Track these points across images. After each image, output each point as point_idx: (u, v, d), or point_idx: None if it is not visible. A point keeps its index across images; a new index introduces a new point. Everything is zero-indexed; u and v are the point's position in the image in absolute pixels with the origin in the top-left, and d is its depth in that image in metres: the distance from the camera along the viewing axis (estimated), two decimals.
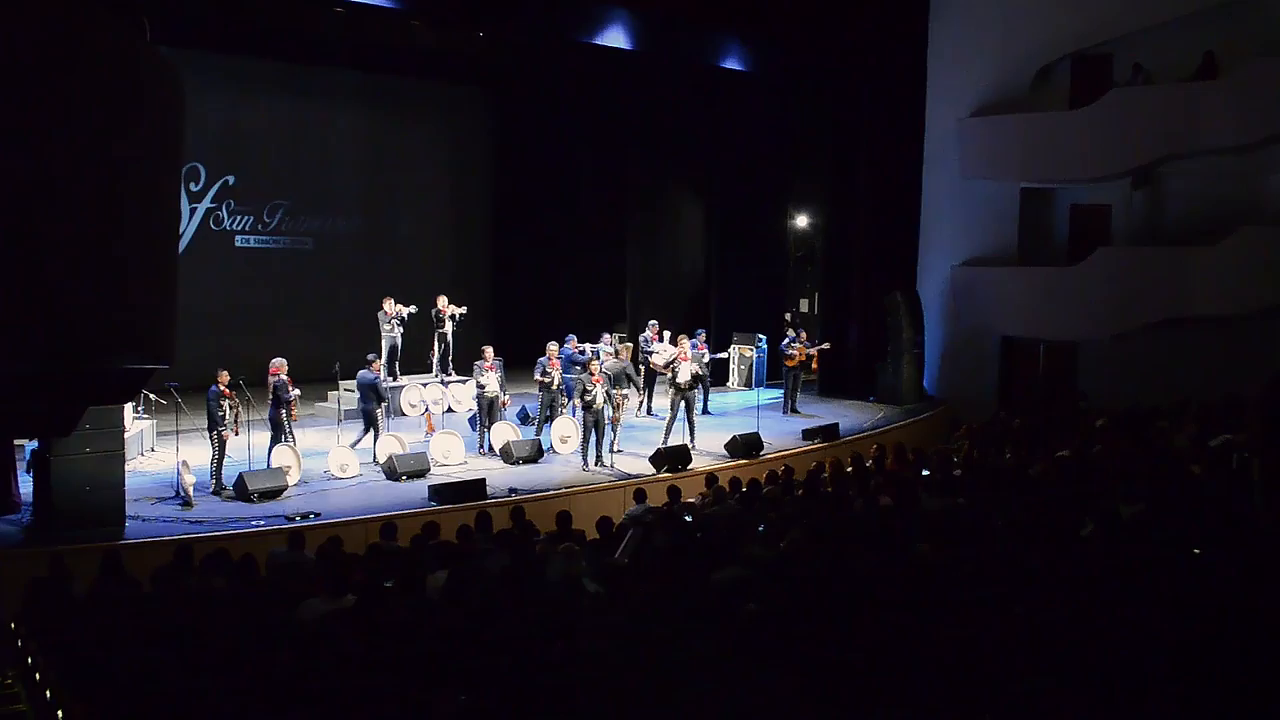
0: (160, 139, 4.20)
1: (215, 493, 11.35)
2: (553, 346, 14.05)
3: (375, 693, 4.84)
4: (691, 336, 16.21)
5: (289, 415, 12.04)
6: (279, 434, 12.06)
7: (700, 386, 15.34)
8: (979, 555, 6.65)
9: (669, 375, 14.31)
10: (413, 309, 15.42)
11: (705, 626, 5.27)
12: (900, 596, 5.85)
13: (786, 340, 17.02)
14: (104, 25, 3.55)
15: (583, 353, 14.73)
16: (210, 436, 11.44)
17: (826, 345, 17.64)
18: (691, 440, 13.79)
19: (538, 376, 13.83)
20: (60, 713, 5.25)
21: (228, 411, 11.43)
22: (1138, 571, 5.74)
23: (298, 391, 12.24)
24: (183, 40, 15.78)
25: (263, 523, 10.25)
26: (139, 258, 4.26)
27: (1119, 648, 4.81)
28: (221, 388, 11.43)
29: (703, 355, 15.59)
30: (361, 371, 12.89)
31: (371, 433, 12.85)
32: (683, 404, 14.04)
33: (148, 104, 3.97)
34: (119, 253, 4.08)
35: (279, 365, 12.10)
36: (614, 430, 13.40)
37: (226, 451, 11.54)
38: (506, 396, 13.98)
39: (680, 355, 14.27)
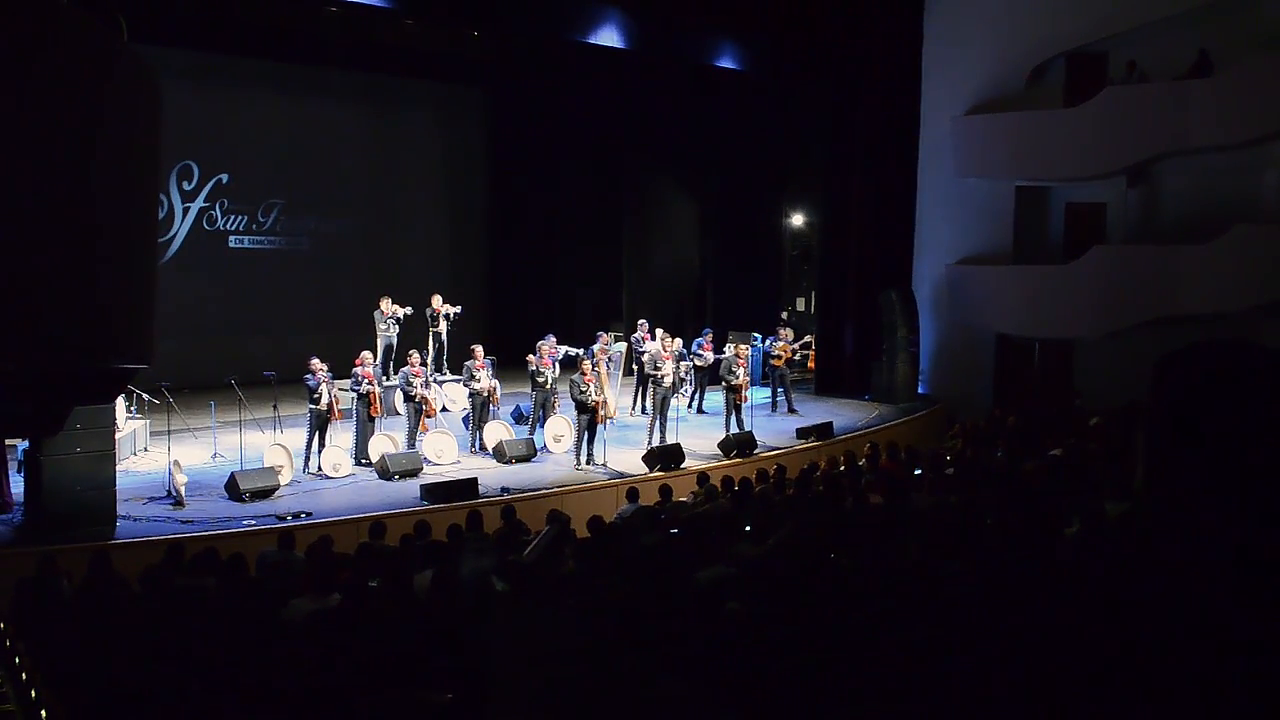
0: (137, 139, 4.20)
1: (306, 469, 12.27)
2: (544, 345, 14.07)
3: (356, 690, 4.84)
4: (698, 335, 16.38)
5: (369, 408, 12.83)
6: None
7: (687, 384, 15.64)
8: (965, 553, 6.65)
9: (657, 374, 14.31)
10: (408, 310, 15.48)
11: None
12: (885, 594, 5.85)
13: (770, 340, 17.08)
14: (76, 25, 3.55)
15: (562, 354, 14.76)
16: (313, 420, 12.32)
17: (809, 338, 17.71)
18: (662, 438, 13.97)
19: (544, 373, 13.93)
20: (44, 713, 5.24)
21: (324, 395, 12.22)
22: (1121, 570, 5.74)
23: (371, 386, 12.83)
24: (176, 39, 15.83)
25: (254, 522, 10.25)
26: (117, 258, 4.26)
27: (1100, 646, 4.81)
28: (316, 374, 12.20)
29: (688, 354, 15.82)
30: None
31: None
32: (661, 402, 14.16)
33: (123, 104, 3.97)
34: (97, 253, 4.08)
35: (358, 359, 12.90)
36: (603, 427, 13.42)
37: (329, 434, 12.44)
38: (497, 388, 13.91)
39: (664, 355, 14.29)
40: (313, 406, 12.35)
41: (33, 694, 5.45)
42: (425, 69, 19.59)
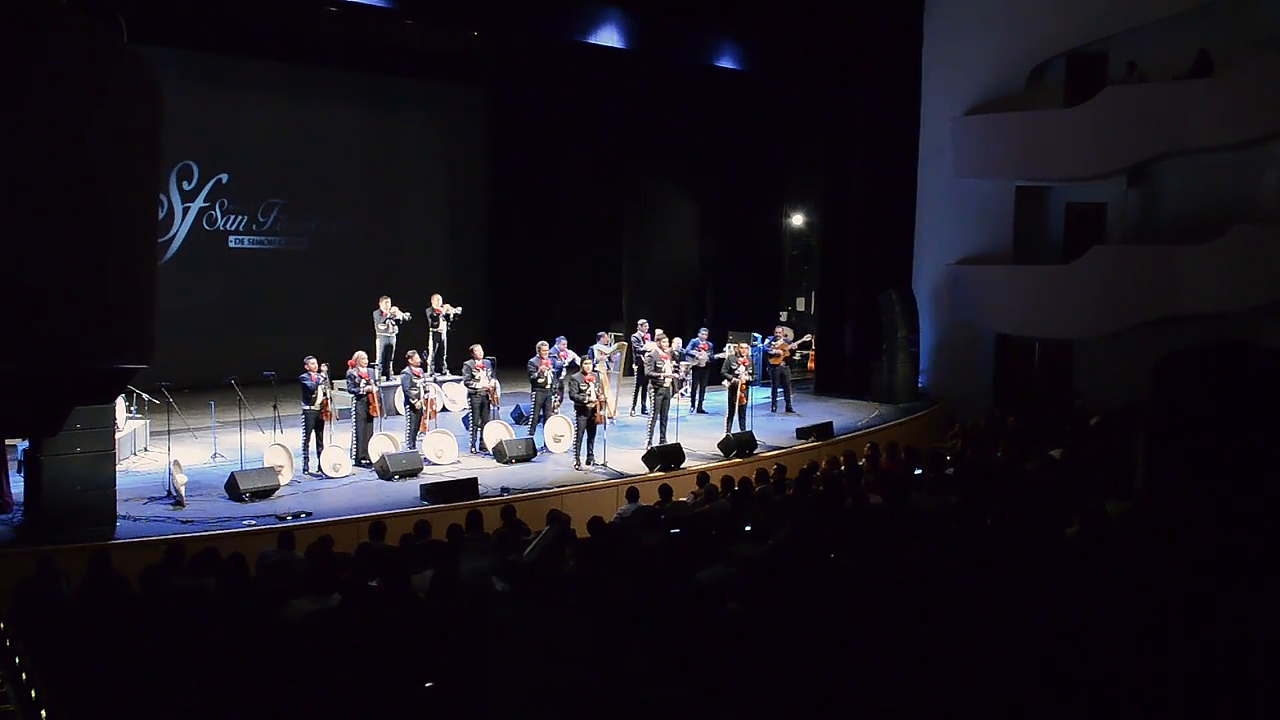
0: (137, 139, 4.19)
1: (305, 470, 12.27)
2: (544, 346, 14.08)
3: (354, 690, 4.84)
4: (695, 335, 16.39)
5: (368, 408, 12.83)
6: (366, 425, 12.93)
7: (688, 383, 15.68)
8: (965, 553, 6.65)
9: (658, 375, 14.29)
10: (407, 316, 15.48)
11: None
12: (885, 594, 5.85)
13: (769, 339, 17.11)
14: (76, 25, 3.55)
15: (565, 358, 14.76)
16: (309, 420, 12.33)
17: (808, 337, 17.75)
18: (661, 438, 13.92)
19: (533, 375, 13.90)
20: (44, 713, 5.24)
21: (319, 395, 12.17)
22: (1121, 570, 5.74)
23: (370, 386, 12.84)
24: (176, 39, 15.85)
25: (254, 522, 10.25)
26: (117, 257, 4.26)
27: (1099, 647, 4.81)
28: (313, 374, 12.14)
29: (692, 354, 15.84)
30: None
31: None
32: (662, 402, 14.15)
33: (123, 104, 3.97)
34: (97, 253, 4.08)
35: (352, 359, 12.90)
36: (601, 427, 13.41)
37: (325, 434, 12.37)
38: (497, 388, 13.88)
39: (663, 355, 14.29)
40: (308, 408, 12.34)
41: (33, 694, 5.45)
42: (425, 69, 19.58)
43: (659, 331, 15.75)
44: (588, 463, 12.92)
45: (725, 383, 14.78)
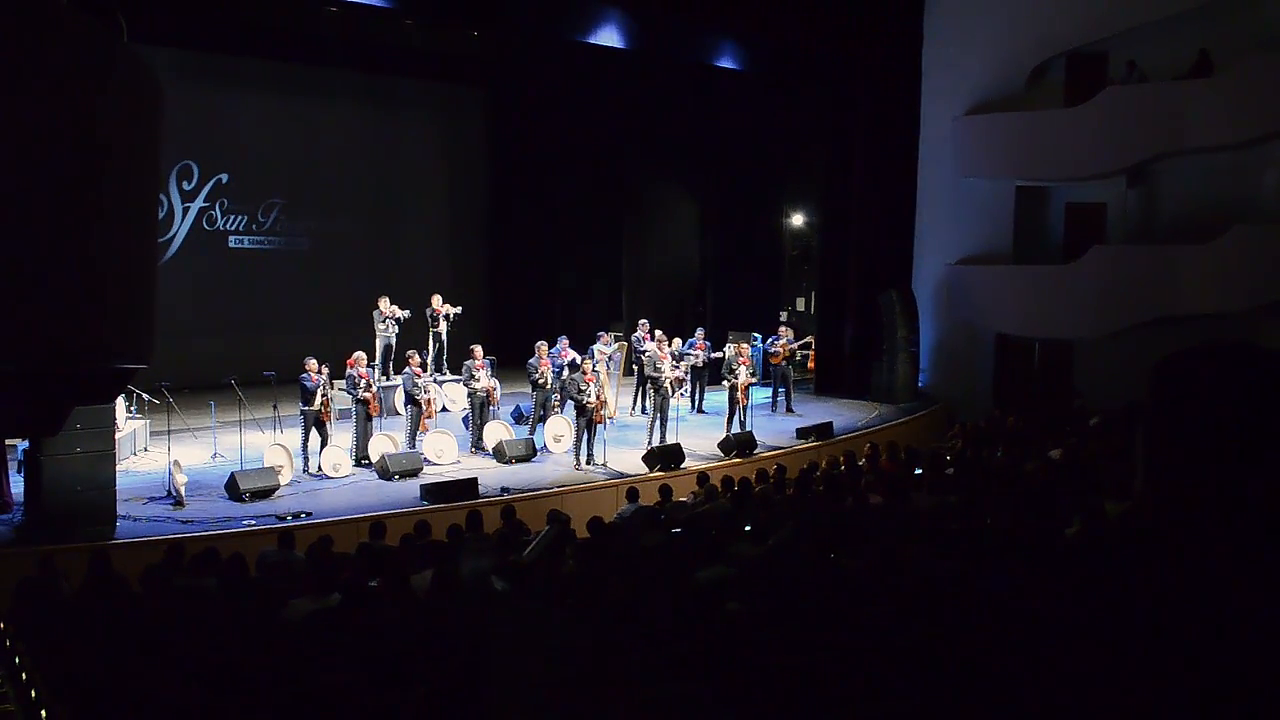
0: (137, 139, 4.20)
1: (305, 470, 12.23)
2: (543, 346, 14.09)
3: (354, 690, 4.84)
4: (691, 335, 16.40)
5: (368, 408, 12.85)
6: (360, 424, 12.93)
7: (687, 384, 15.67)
8: (965, 553, 6.65)
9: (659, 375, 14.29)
10: (406, 313, 15.50)
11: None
12: (885, 594, 5.85)
13: (771, 339, 17.13)
14: (76, 25, 3.55)
15: (566, 357, 14.77)
16: (308, 420, 12.32)
17: (809, 339, 17.78)
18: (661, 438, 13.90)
19: (534, 376, 13.90)
20: (44, 713, 5.24)
21: (318, 396, 12.19)
22: (1121, 570, 5.74)
23: (369, 391, 12.83)
24: (176, 39, 15.86)
25: (254, 522, 10.25)
26: (117, 258, 4.26)
27: (1099, 647, 4.81)
28: (313, 374, 12.16)
29: (694, 355, 15.83)
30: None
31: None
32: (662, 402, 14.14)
33: (123, 104, 3.97)
34: (97, 253, 4.08)
35: (352, 359, 12.94)
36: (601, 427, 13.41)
37: (327, 433, 12.40)
38: (496, 388, 13.88)
39: (661, 356, 14.29)
40: (307, 408, 12.32)
41: (33, 694, 5.45)
42: (425, 69, 19.61)
43: (659, 332, 15.75)
44: (588, 463, 12.92)
45: (725, 383, 14.78)
